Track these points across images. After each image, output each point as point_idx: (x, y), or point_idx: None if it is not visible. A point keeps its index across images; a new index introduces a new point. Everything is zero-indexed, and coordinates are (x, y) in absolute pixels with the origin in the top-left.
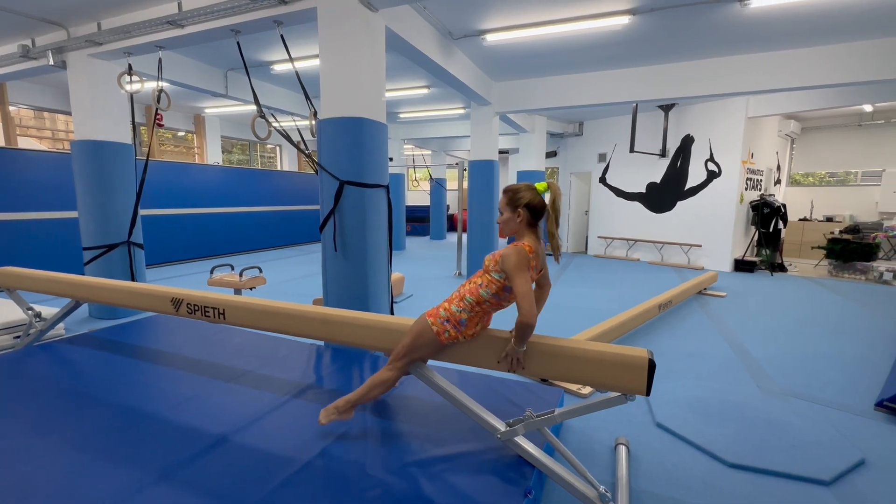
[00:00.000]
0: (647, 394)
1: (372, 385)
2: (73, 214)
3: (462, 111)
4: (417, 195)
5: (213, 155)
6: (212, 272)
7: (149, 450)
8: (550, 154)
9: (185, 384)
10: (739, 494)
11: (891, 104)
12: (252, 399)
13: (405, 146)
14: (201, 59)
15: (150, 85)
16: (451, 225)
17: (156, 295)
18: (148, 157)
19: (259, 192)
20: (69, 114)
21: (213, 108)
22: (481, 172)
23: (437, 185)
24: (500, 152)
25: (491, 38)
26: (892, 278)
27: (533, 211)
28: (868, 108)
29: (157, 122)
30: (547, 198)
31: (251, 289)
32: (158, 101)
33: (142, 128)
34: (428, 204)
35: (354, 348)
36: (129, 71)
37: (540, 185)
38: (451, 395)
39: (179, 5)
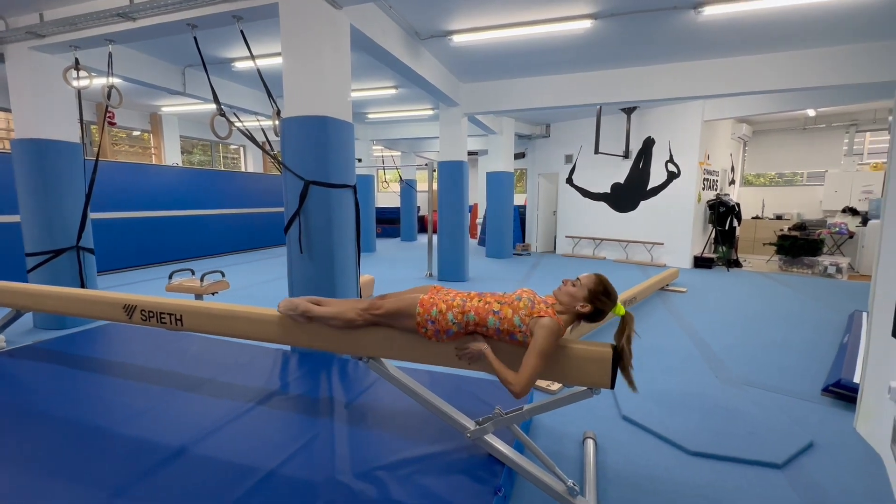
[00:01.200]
0: (612, 386)
1: (336, 314)
2: (15, 218)
3: (431, 112)
4: (388, 196)
5: (171, 155)
6: (170, 277)
7: (100, 466)
8: (519, 155)
9: (140, 395)
10: (700, 481)
11: (832, 109)
12: (213, 408)
13: (374, 147)
14: (157, 54)
15: (101, 81)
16: (422, 226)
17: (106, 301)
18: (98, 156)
19: (221, 194)
20: (9, 111)
21: (171, 107)
22: (450, 173)
23: (408, 187)
24: (470, 154)
25: (458, 38)
26: (835, 272)
27: (595, 313)
28: (811, 112)
29: (108, 119)
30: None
31: (213, 294)
32: (109, 98)
33: (93, 127)
34: (398, 205)
35: (322, 352)
36: (76, 66)
37: (619, 308)
38: (420, 396)
39: None
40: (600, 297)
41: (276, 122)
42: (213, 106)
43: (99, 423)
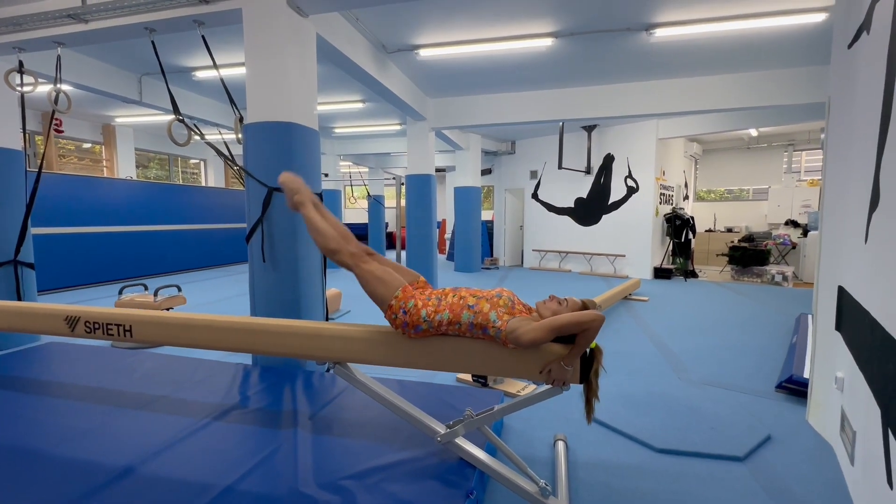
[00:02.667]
0: (581, 382)
1: (324, 232)
2: None
3: (398, 127)
4: (355, 213)
5: (125, 168)
6: (120, 293)
7: (34, 491)
8: (486, 171)
9: (82, 415)
10: (667, 476)
11: (771, 129)
12: (164, 426)
13: (342, 162)
14: (111, 60)
15: (47, 88)
16: (391, 243)
17: (44, 314)
18: (41, 166)
19: (179, 209)
20: None
21: (126, 118)
22: (418, 187)
23: (376, 202)
24: (438, 170)
25: (424, 53)
26: (781, 280)
27: (570, 338)
28: (754, 132)
29: (55, 127)
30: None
31: (168, 310)
32: (56, 102)
33: (38, 137)
34: (366, 221)
35: (285, 364)
36: (20, 69)
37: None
38: (389, 401)
39: None
40: (582, 327)
41: (239, 128)
42: (172, 116)
43: (31, 445)
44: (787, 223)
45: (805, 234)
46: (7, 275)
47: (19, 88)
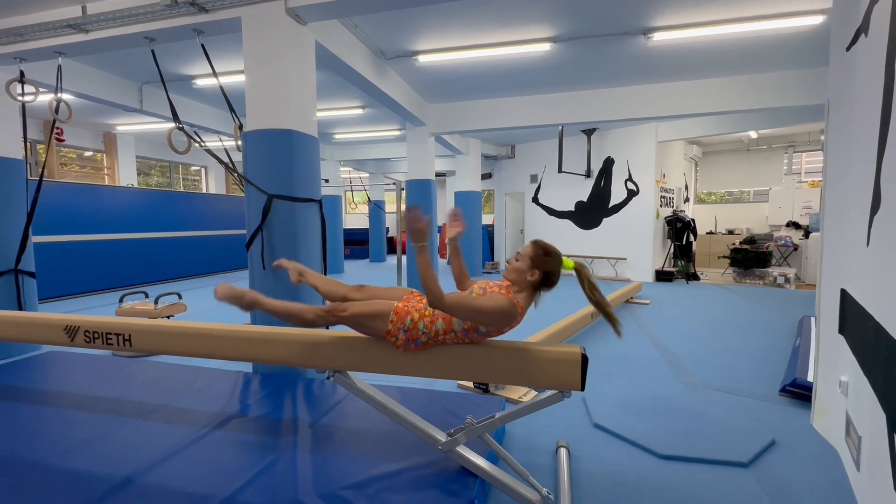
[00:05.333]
0: (582, 388)
1: (289, 311)
2: None
3: (398, 132)
4: (356, 218)
5: (126, 176)
6: (121, 301)
7: (35, 502)
8: (486, 176)
9: (81, 425)
10: (671, 483)
11: (771, 131)
12: (164, 435)
13: (342, 168)
14: (112, 69)
15: (48, 97)
16: (391, 248)
17: (43, 323)
18: (42, 175)
19: (180, 216)
20: None
21: (127, 126)
22: (419, 192)
23: (376, 208)
24: (438, 175)
25: (423, 59)
26: (784, 282)
27: (547, 279)
28: (754, 134)
29: (55, 136)
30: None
31: (168, 317)
32: (57, 112)
33: (39, 146)
34: (367, 227)
35: (285, 372)
36: (21, 79)
37: (568, 262)
38: (390, 409)
39: (84, 8)
40: (543, 260)
41: (239, 135)
42: (172, 124)
43: (30, 456)
44: (788, 225)
45: (807, 235)
46: (8, 284)
47: (20, 98)
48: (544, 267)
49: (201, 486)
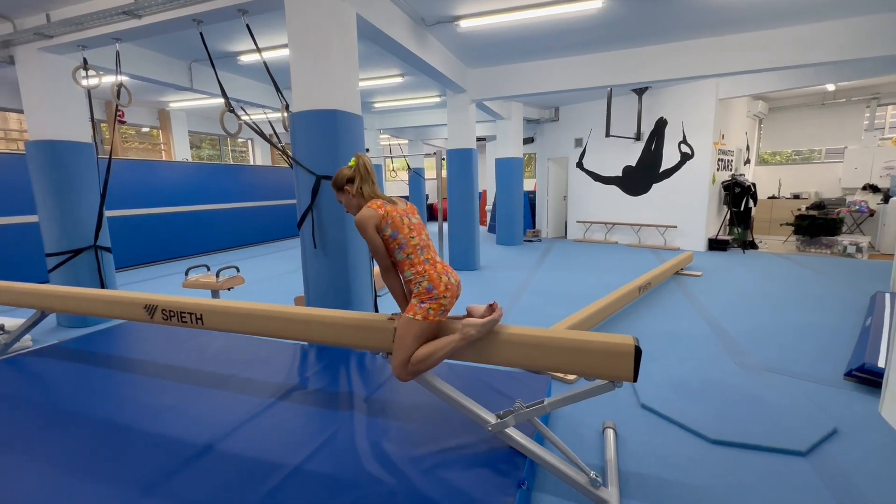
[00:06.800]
0: (635, 380)
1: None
2: (33, 219)
3: (438, 99)
4: (396, 185)
5: (180, 151)
6: (187, 274)
7: (129, 464)
8: (528, 140)
9: (164, 393)
10: (723, 469)
11: (852, 83)
12: (235, 404)
13: (381, 136)
14: (163, 50)
15: (109, 79)
16: (432, 214)
17: (128, 302)
18: (111, 155)
19: (232, 188)
20: (21, 112)
21: (179, 102)
22: (459, 161)
23: (416, 175)
24: (478, 140)
25: (464, 24)
26: (855, 251)
27: (350, 182)
28: (831, 87)
29: (118, 118)
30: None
31: (229, 289)
32: (118, 97)
33: (102, 124)
34: (407, 194)
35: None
36: (85, 65)
37: (351, 162)
38: (441, 391)
39: None
40: (340, 185)
41: (285, 116)
42: (221, 100)
43: (125, 421)
44: (864, 188)
45: (886, 200)
46: (89, 259)
47: (85, 84)
48: (344, 184)
49: (272, 455)
